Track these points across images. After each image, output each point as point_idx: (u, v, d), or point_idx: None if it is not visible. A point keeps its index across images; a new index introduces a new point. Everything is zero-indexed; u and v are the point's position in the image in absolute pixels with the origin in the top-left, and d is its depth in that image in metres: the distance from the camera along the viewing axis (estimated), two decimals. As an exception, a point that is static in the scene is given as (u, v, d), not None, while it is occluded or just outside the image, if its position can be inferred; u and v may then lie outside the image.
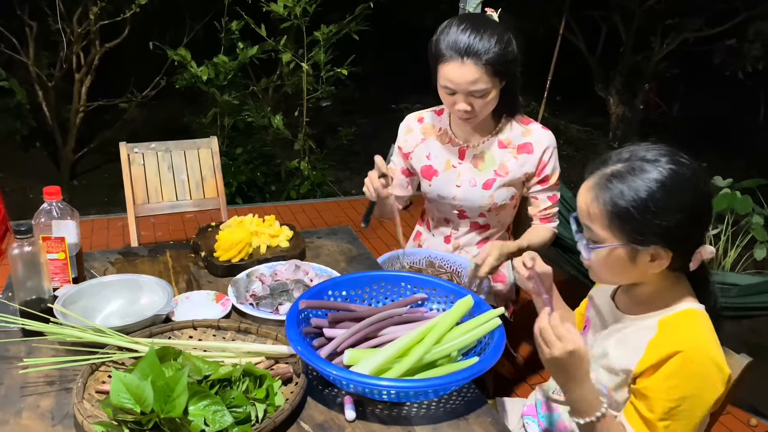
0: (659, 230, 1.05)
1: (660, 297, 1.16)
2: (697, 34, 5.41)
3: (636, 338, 1.14)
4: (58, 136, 4.91)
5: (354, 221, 4.12)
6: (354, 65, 4.48)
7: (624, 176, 1.06)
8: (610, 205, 1.06)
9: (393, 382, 1.17)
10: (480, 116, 1.67)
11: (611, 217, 1.07)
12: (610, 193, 1.06)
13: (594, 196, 1.09)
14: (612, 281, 1.23)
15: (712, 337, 1.10)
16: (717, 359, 1.07)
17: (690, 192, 1.06)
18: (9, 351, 1.33)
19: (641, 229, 1.05)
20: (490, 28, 1.55)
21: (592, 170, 1.12)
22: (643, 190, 1.04)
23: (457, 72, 1.56)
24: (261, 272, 1.65)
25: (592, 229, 1.11)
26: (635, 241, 1.07)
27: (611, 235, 1.08)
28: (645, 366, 1.09)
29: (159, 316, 1.40)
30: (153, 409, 0.99)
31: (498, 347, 1.26)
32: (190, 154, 2.54)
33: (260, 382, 1.14)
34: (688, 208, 1.06)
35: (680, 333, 1.09)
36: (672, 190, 1.04)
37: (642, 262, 1.09)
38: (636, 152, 1.09)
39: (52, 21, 4.48)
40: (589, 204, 1.10)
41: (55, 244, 1.45)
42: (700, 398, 1.06)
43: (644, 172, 1.05)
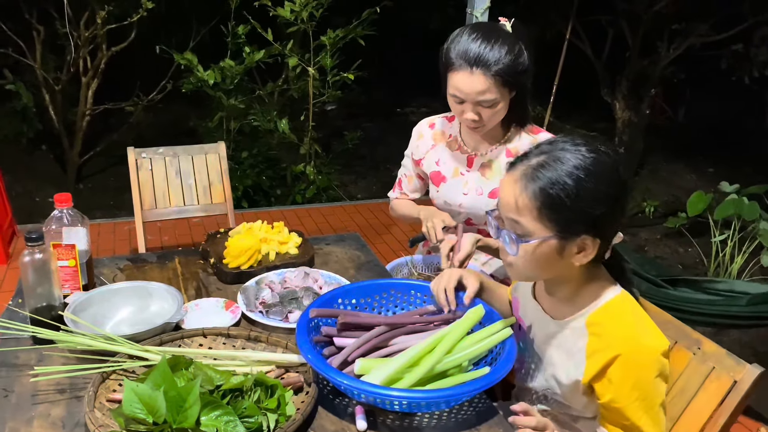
0: (588, 219, 1.05)
1: (580, 292, 1.18)
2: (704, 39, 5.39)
3: (572, 344, 1.18)
4: (65, 139, 4.93)
5: (360, 226, 4.13)
6: (360, 69, 4.48)
7: (549, 166, 1.06)
8: (541, 196, 1.05)
9: (405, 392, 1.17)
10: (488, 125, 1.66)
11: (541, 207, 1.06)
12: (539, 183, 1.05)
13: (522, 187, 1.07)
14: (535, 277, 1.23)
15: (638, 319, 1.13)
16: (650, 341, 1.10)
17: (615, 179, 1.07)
18: (19, 358, 1.33)
19: (572, 219, 1.06)
20: (502, 38, 1.54)
21: (514, 163, 1.12)
22: (570, 177, 1.04)
23: (466, 82, 1.55)
24: (270, 279, 1.64)
25: (520, 222, 1.09)
26: (565, 231, 1.07)
27: (541, 226, 1.07)
28: (591, 375, 1.13)
29: (169, 324, 1.39)
30: (165, 420, 0.99)
31: (509, 357, 1.25)
32: (197, 159, 2.54)
33: (272, 391, 1.14)
34: (614, 195, 1.07)
35: (609, 334, 1.12)
36: (599, 177, 1.05)
37: (569, 254, 1.10)
38: (556, 143, 1.10)
39: (59, 25, 4.51)
40: (518, 196, 1.08)
41: (66, 252, 1.45)
42: (657, 380, 1.10)
43: (568, 161, 1.05)
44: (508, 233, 1.12)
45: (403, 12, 6.33)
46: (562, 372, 1.20)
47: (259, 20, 4.33)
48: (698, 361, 1.38)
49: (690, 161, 6.10)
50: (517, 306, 1.38)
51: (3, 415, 1.17)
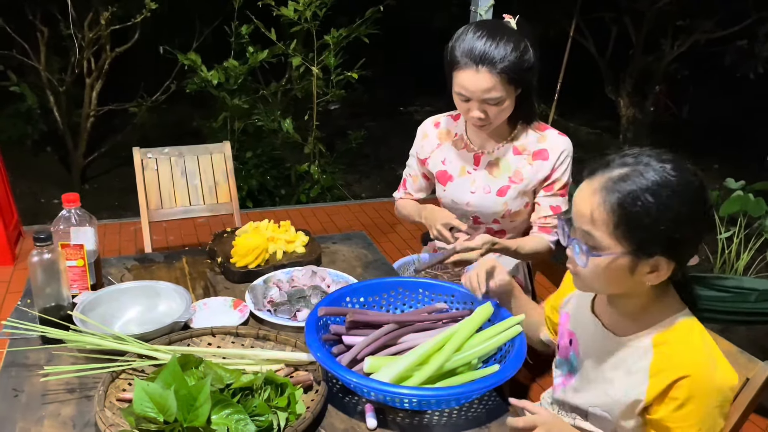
0: (666, 240, 1.01)
1: (648, 309, 1.13)
2: (708, 35, 5.39)
3: (633, 363, 1.13)
4: (69, 140, 4.93)
5: (365, 225, 4.12)
6: (364, 68, 4.48)
7: (633, 181, 1.01)
8: (620, 210, 1.01)
9: (415, 390, 1.17)
10: (494, 123, 1.66)
11: (619, 222, 1.01)
12: (620, 198, 1.01)
13: (600, 200, 1.03)
14: (601, 291, 1.18)
15: (710, 348, 1.08)
16: (722, 373, 1.06)
17: (698, 201, 1.02)
18: (29, 359, 1.33)
19: (649, 238, 1.01)
20: (507, 35, 1.53)
21: (594, 171, 1.07)
22: (652, 195, 0.99)
23: (472, 80, 1.55)
24: (278, 278, 1.64)
25: (594, 235, 1.04)
26: (640, 250, 1.02)
27: (615, 242, 1.03)
28: (653, 395, 1.08)
29: (178, 323, 1.39)
30: (176, 419, 0.99)
31: (519, 355, 1.25)
32: (203, 159, 2.54)
33: (281, 390, 1.14)
34: (695, 218, 1.02)
35: (680, 355, 1.07)
36: (682, 198, 1.00)
37: (641, 273, 1.05)
38: (640, 157, 1.04)
39: (63, 26, 4.51)
40: (595, 208, 1.03)
41: (74, 252, 1.45)
42: (717, 413, 1.06)
43: (653, 178, 1.00)
44: (579, 244, 1.07)
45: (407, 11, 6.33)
46: (619, 390, 1.14)
47: (263, 20, 4.33)
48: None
49: (695, 158, 6.02)
50: (566, 320, 1.33)
51: (13, 415, 1.17)
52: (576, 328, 1.29)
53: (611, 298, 1.19)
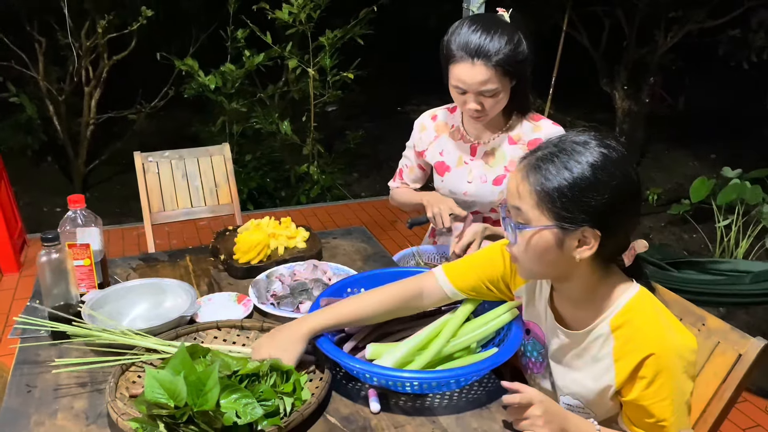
0: (588, 209, 1.04)
1: (596, 292, 1.15)
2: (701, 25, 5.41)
3: (597, 351, 1.16)
4: (70, 149, 4.97)
5: (365, 223, 4.16)
6: (359, 69, 4.51)
7: (554, 156, 1.06)
8: (540, 184, 1.06)
9: (415, 373, 1.20)
10: (491, 114, 1.69)
11: (540, 195, 1.06)
12: (541, 173, 1.06)
13: (524, 176, 1.08)
14: (539, 272, 1.19)
15: (665, 317, 1.11)
16: (680, 339, 1.09)
17: (619, 173, 1.05)
18: (40, 356, 1.37)
19: (570, 208, 1.04)
20: (501, 28, 1.57)
21: (526, 156, 1.12)
22: (574, 168, 1.04)
23: (468, 73, 1.58)
24: (280, 272, 1.68)
25: (521, 209, 1.09)
26: (563, 220, 1.05)
27: (540, 214, 1.07)
28: (622, 379, 1.12)
29: (184, 318, 1.43)
30: (186, 403, 1.02)
31: (517, 337, 1.28)
32: (203, 161, 2.58)
33: (287, 376, 1.17)
34: (617, 188, 1.05)
35: (639, 334, 1.10)
36: (601, 170, 1.04)
37: (569, 247, 1.08)
38: (567, 137, 1.10)
39: (61, 36, 4.55)
40: (519, 183, 1.09)
41: (81, 251, 1.49)
42: (684, 378, 1.09)
43: (575, 153, 1.05)
44: (510, 221, 1.13)
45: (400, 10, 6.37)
46: (587, 378, 1.18)
47: (258, 24, 4.37)
48: (703, 336, 1.40)
49: (691, 148, 6.11)
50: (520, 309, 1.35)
51: (27, 410, 1.20)
52: (533, 318, 1.31)
53: (560, 287, 1.21)
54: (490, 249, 1.39)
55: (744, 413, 2.42)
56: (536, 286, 1.31)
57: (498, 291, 1.37)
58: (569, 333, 1.20)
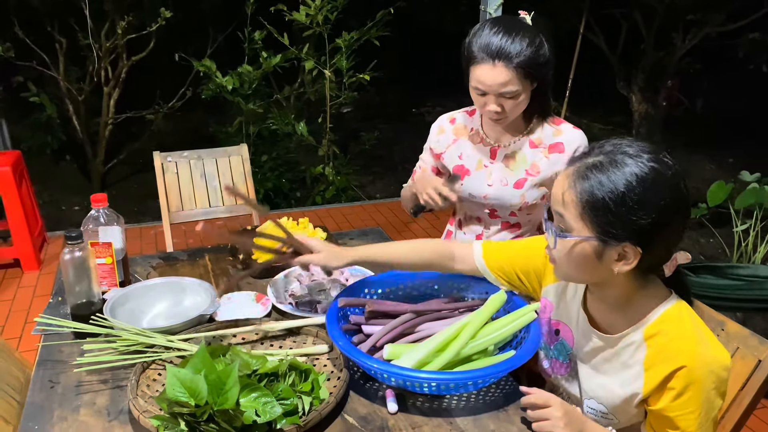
0: (632, 227, 1.02)
1: (633, 301, 1.14)
2: (720, 28, 5.37)
3: (628, 357, 1.15)
4: (88, 148, 5.03)
5: (380, 224, 4.17)
6: (375, 70, 4.53)
7: (604, 167, 1.03)
8: (587, 194, 1.03)
9: (433, 374, 1.21)
10: (511, 117, 1.69)
11: (585, 206, 1.04)
12: (588, 183, 1.03)
13: (570, 184, 1.06)
14: (575, 277, 1.19)
15: (700, 331, 1.10)
16: (714, 354, 1.07)
17: (669, 192, 1.02)
18: (63, 352, 1.39)
19: (614, 223, 1.02)
20: (522, 30, 1.58)
21: (574, 161, 1.10)
22: (621, 183, 1.01)
23: (489, 74, 1.59)
24: (298, 273, 1.69)
25: (564, 216, 1.07)
26: (606, 234, 1.04)
27: (582, 225, 1.05)
28: (650, 388, 1.11)
29: (203, 317, 1.45)
30: (207, 402, 1.03)
31: (535, 340, 1.28)
32: (221, 162, 2.60)
33: (306, 375, 1.18)
34: (665, 208, 1.02)
35: (672, 345, 1.09)
36: (650, 188, 1.01)
37: (608, 259, 1.07)
38: (619, 146, 1.06)
39: (81, 37, 4.61)
40: (565, 190, 1.07)
41: (103, 249, 1.51)
42: (714, 395, 1.08)
43: (625, 166, 1.02)
44: (551, 226, 1.11)
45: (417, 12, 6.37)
46: (615, 384, 1.17)
47: (275, 25, 4.39)
48: (722, 341, 1.36)
49: (709, 152, 6.05)
50: (549, 310, 1.35)
51: (51, 405, 1.22)
52: (562, 318, 1.31)
53: (596, 291, 1.21)
54: (533, 240, 1.41)
55: (763, 420, 2.39)
56: (568, 287, 1.30)
57: (527, 283, 1.38)
58: (603, 336, 1.19)
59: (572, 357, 1.28)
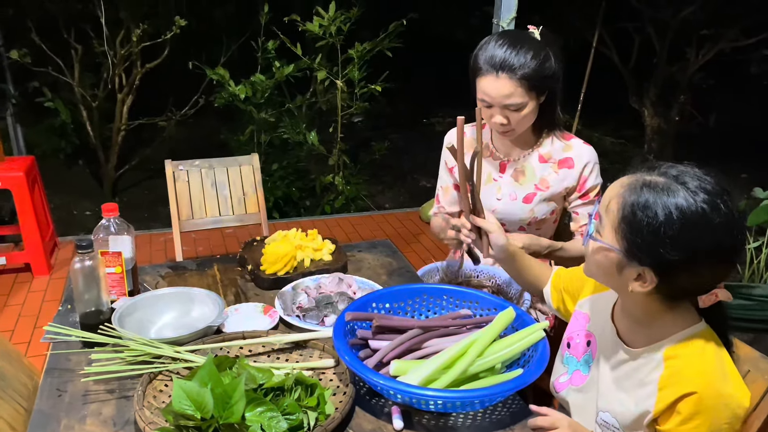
0: (658, 257, 1.01)
1: (659, 319, 1.13)
2: (734, 44, 5.35)
3: (646, 375, 1.14)
4: (101, 154, 5.07)
5: (389, 235, 4.16)
6: (387, 81, 4.54)
7: (656, 191, 1.01)
8: (628, 210, 1.03)
9: (440, 392, 1.20)
10: (518, 130, 1.69)
11: (623, 220, 1.04)
12: (635, 199, 1.03)
13: (620, 193, 1.06)
14: (598, 279, 1.21)
15: (723, 364, 1.07)
16: (732, 390, 1.05)
17: (709, 237, 0.99)
18: (71, 361, 1.39)
19: (641, 246, 1.02)
20: (528, 44, 1.59)
21: (638, 168, 1.08)
22: (662, 213, 0.99)
23: (493, 85, 1.60)
24: (306, 285, 1.69)
25: (603, 221, 1.09)
26: (630, 253, 1.04)
27: (614, 235, 1.06)
28: (661, 408, 1.09)
29: (211, 328, 1.45)
30: (213, 415, 1.03)
31: (543, 359, 1.28)
32: (232, 171, 2.61)
33: (311, 390, 1.18)
34: (699, 251, 1.00)
35: (689, 370, 1.07)
36: (690, 228, 0.98)
37: (627, 275, 1.07)
38: (683, 174, 1.03)
39: (96, 44, 4.66)
40: (613, 198, 1.07)
41: (113, 259, 1.52)
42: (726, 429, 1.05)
43: (676, 197, 0.99)
44: (593, 223, 1.14)
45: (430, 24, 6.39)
46: (630, 400, 1.16)
47: (288, 35, 4.42)
48: (732, 363, 1.37)
49: (722, 167, 5.87)
50: (584, 321, 1.35)
51: (58, 413, 1.23)
52: (595, 331, 1.31)
53: (623, 303, 1.21)
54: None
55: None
56: (600, 299, 1.32)
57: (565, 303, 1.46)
58: (627, 349, 1.18)
59: (593, 368, 1.27)
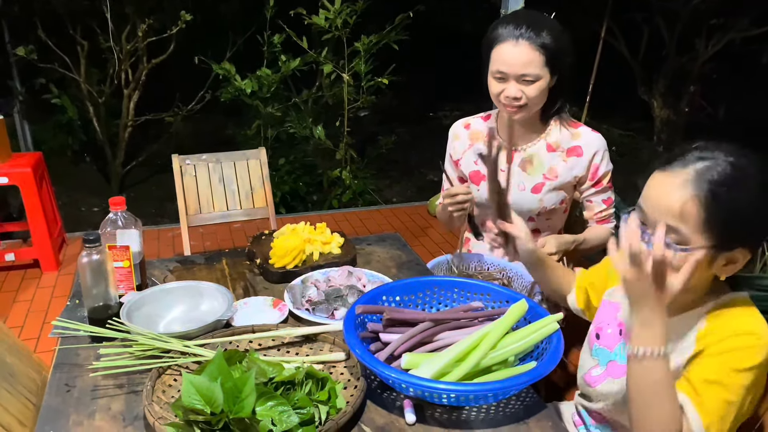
0: (751, 231, 0.99)
1: (699, 301, 1.11)
2: (744, 33, 5.29)
3: (682, 332, 1.09)
4: (108, 150, 5.07)
5: (397, 229, 4.14)
6: (393, 74, 4.52)
7: (723, 172, 0.98)
8: (711, 203, 0.97)
9: (453, 385, 1.18)
10: (530, 108, 1.66)
11: (709, 216, 0.98)
12: (711, 190, 0.97)
13: (692, 194, 0.99)
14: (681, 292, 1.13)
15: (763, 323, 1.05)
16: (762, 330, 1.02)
17: None
18: (80, 356, 1.38)
19: (736, 230, 0.98)
20: (545, 20, 1.61)
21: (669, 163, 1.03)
22: (744, 188, 0.97)
23: (511, 52, 1.58)
24: (315, 278, 1.68)
25: (680, 229, 1.00)
26: (725, 245, 1.00)
27: (701, 236, 0.99)
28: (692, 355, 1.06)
29: (220, 322, 1.43)
30: (222, 410, 1.02)
31: (557, 351, 1.25)
32: (239, 165, 2.60)
33: (322, 384, 1.16)
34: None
35: (733, 320, 1.04)
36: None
37: (717, 265, 1.03)
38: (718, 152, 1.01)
39: (102, 39, 4.65)
40: (685, 201, 0.99)
41: (121, 253, 1.51)
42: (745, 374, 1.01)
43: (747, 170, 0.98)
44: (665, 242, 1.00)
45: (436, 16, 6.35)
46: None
47: (294, 29, 4.40)
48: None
49: (732, 159, 5.94)
50: (614, 309, 1.30)
51: (66, 409, 1.22)
52: (626, 319, 1.27)
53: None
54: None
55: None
56: None
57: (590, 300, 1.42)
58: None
59: None
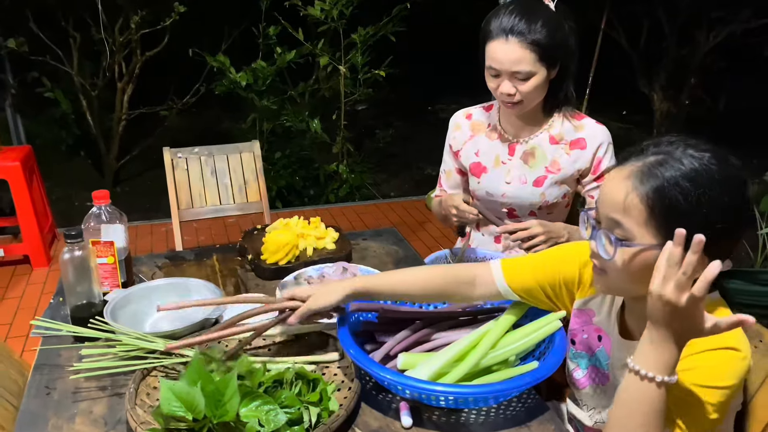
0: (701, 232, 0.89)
1: None
2: (746, 25, 5.23)
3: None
4: (102, 144, 5.00)
5: (394, 224, 4.09)
6: (391, 67, 4.45)
7: (671, 165, 0.93)
8: (655, 196, 0.93)
9: (451, 387, 1.13)
10: (526, 103, 1.61)
11: (653, 210, 0.94)
12: (656, 183, 0.93)
13: (634, 186, 0.95)
14: (625, 290, 1.07)
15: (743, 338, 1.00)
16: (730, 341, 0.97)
17: (739, 194, 0.94)
18: (61, 356, 1.33)
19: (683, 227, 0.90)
20: (541, 11, 1.53)
21: (626, 158, 1.00)
22: (694, 182, 0.92)
23: (501, 50, 1.53)
24: (309, 274, 1.62)
25: (623, 224, 0.96)
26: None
27: (646, 232, 0.95)
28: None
29: (209, 320, 1.38)
30: (205, 415, 0.96)
31: (559, 350, 1.20)
32: (232, 159, 2.54)
33: (313, 385, 1.11)
34: (735, 211, 0.94)
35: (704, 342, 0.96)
36: (724, 186, 0.92)
37: None
38: (676, 144, 0.97)
39: (95, 31, 4.57)
40: (628, 194, 0.95)
41: (105, 249, 1.45)
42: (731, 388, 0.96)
43: (692, 164, 0.93)
44: (606, 233, 0.99)
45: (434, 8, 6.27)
46: None
47: (290, 20, 4.33)
48: (760, 354, 1.30)
49: (733, 152, 5.88)
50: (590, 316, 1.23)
51: (45, 413, 1.16)
52: (603, 326, 1.21)
53: (637, 310, 1.09)
54: (560, 249, 1.28)
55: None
56: (608, 297, 1.20)
57: (554, 298, 1.26)
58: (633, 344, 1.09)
59: (611, 366, 1.18)
